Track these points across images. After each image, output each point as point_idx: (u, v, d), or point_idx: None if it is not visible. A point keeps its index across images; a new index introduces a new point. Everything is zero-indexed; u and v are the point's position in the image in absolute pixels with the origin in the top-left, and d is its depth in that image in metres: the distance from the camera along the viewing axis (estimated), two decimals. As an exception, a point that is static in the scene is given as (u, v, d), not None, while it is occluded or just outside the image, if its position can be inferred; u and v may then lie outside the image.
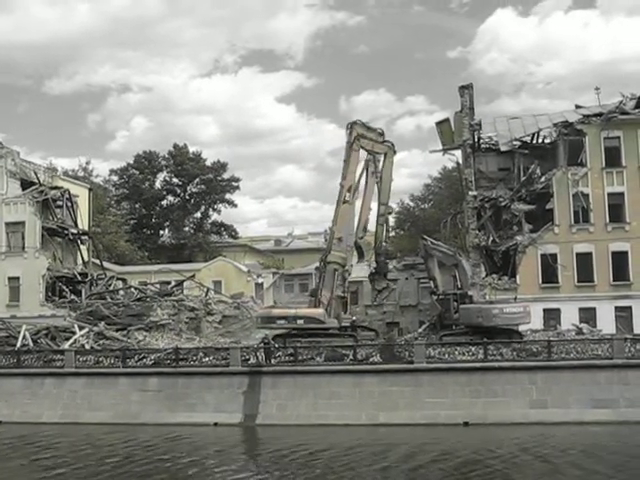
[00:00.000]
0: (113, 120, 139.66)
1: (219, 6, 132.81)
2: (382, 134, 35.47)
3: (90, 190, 53.16)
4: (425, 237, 36.69)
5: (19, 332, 35.04)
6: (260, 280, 56.10)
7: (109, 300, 40.88)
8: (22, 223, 45.25)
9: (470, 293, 32.75)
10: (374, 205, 35.63)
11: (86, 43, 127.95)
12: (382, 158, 35.19)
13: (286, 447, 24.21)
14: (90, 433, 27.54)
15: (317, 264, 36.19)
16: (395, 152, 35.71)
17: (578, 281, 38.55)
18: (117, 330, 36.12)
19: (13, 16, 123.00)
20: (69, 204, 47.83)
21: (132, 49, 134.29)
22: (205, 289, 44.00)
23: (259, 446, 26.66)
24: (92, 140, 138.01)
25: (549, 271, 38.71)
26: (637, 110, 39.91)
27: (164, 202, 77.13)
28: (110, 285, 44.96)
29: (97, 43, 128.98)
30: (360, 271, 51.46)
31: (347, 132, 34.61)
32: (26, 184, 46.63)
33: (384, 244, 36.17)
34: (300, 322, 32.07)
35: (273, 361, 30.28)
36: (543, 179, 39.95)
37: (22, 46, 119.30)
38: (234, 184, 77.21)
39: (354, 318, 33.92)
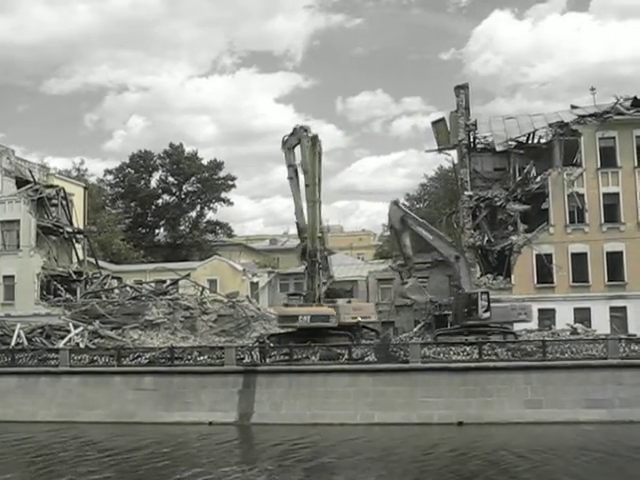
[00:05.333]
0: (111, 120, 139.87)
1: (217, 7, 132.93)
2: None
3: (85, 189, 53.02)
4: (398, 203, 34.40)
5: (13, 331, 34.97)
6: (255, 279, 55.95)
7: (104, 299, 40.84)
8: (17, 221, 45.00)
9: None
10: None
11: (85, 43, 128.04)
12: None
13: (280, 446, 24.18)
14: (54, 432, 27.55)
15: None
16: None
17: (573, 281, 38.65)
18: (112, 329, 36.10)
19: (13, 16, 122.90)
20: (64, 202, 47.64)
21: (130, 49, 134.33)
22: (200, 288, 43.88)
23: (252, 445, 26.63)
24: (90, 139, 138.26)
25: (544, 271, 38.78)
26: (632, 110, 40.04)
27: (160, 201, 76.82)
28: (105, 284, 44.88)
29: (96, 43, 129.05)
30: (356, 270, 51.66)
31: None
32: (21, 182, 46.46)
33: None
34: (332, 320, 30.98)
35: (268, 360, 30.24)
36: (538, 179, 40.09)
37: (22, 46, 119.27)
38: (230, 182, 77.05)
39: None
